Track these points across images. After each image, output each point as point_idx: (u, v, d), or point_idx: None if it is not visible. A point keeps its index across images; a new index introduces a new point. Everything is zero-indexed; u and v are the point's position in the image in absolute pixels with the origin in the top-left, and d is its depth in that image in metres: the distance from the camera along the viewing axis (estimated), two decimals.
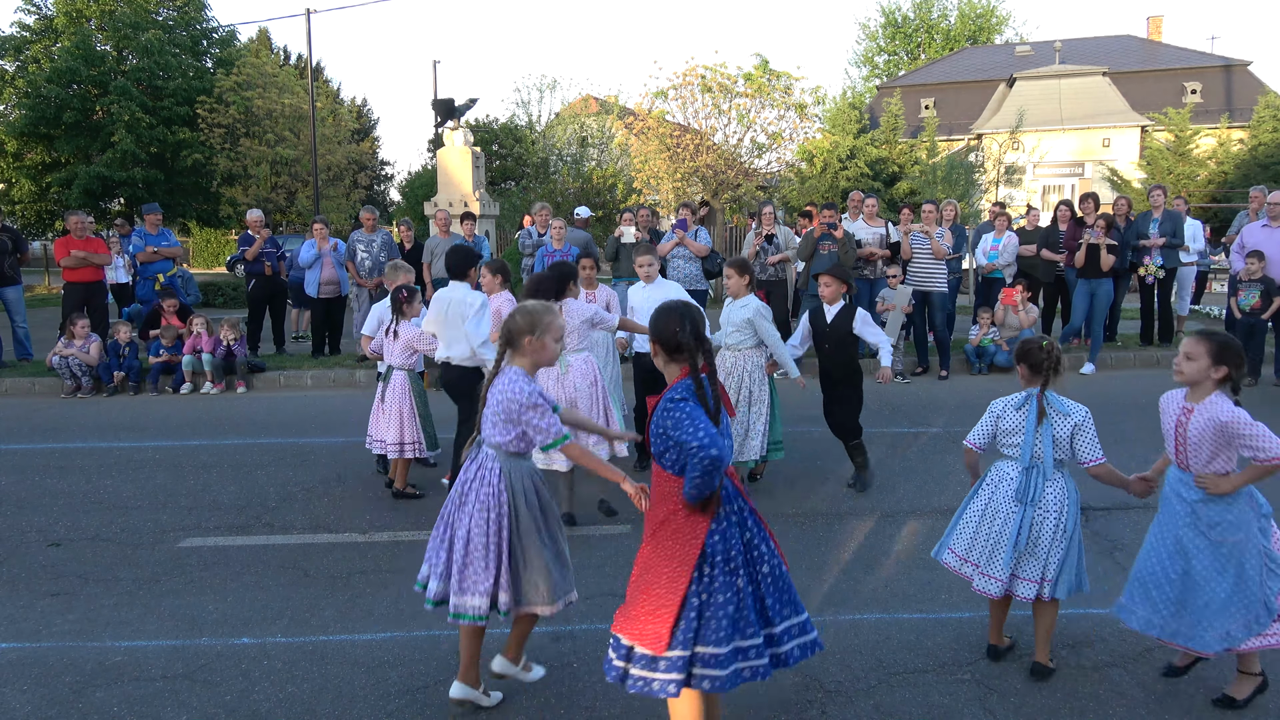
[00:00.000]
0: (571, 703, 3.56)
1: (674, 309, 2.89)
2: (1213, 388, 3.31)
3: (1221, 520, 3.35)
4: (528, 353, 3.35)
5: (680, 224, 11.17)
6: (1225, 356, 3.27)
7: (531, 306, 3.40)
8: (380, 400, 6.19)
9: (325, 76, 39.48)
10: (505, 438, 3.32)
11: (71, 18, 27.49)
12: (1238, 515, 3.34)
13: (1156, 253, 10.56)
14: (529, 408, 3.24)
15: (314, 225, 11.50)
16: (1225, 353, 3.27)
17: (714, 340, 5.89)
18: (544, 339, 3.34)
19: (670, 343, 2.85)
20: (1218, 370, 3.28)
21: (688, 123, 19.94)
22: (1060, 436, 3.71)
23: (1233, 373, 3.30)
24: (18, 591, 4.75)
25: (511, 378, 3.30)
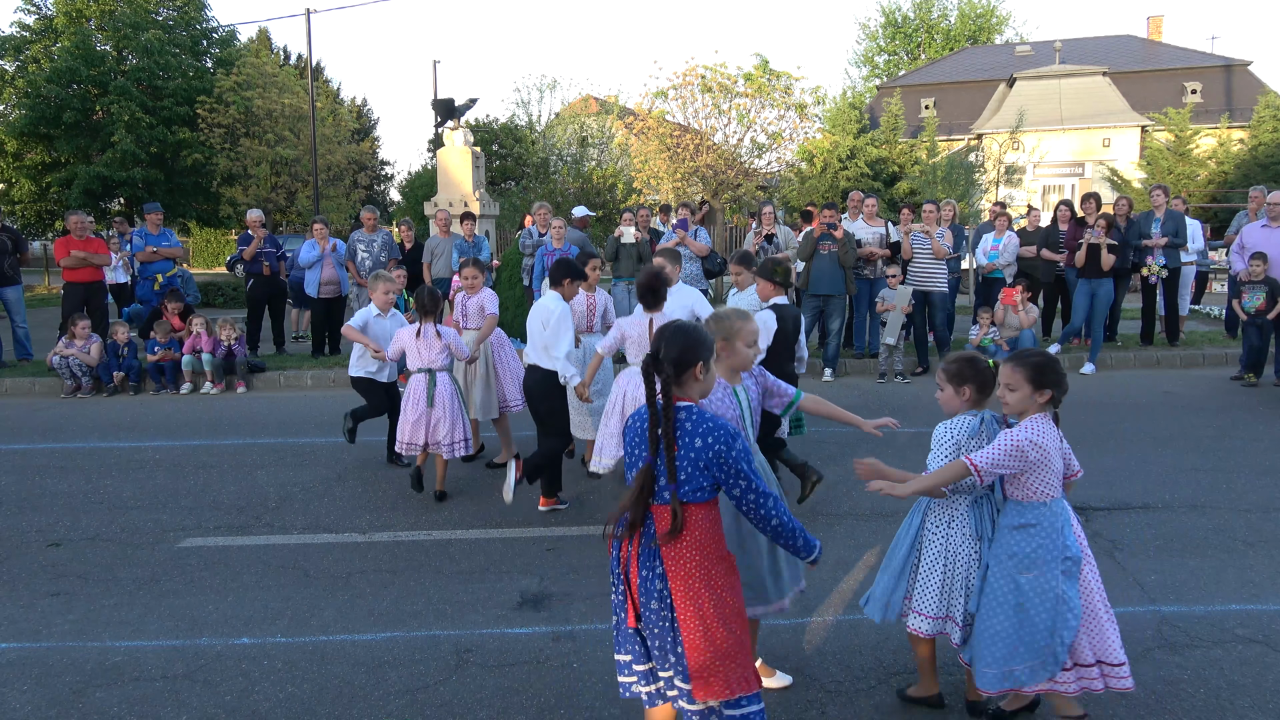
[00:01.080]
0: (572, 703, 3.56)
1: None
2: (1037, 410, 3.15)
3: (1018, 552, 3.14)
4: (722, 359, 3.37)
5: (681, 223, 11.18)
6: (1045, 379, 3.12)
7: (723, 313, 3.48)
8: (429, 405, 6.06)
9: (325, 76, 39.51)
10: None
11: (71, 18, 27.50)
12: (1035, 550, 3.12)
13: (1159, 253, 10.56)
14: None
15: (314, 225, 11.51)
16: (1044, 375, 3.12)
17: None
18: (734, 344, 3.39)
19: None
20: (1041, 395, 3.12)
21: (688, 123, 19.95)
22: None
23: (1055, 393, 3.14)
24: (18, 591, 4.75)
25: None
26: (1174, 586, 4.50)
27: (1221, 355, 10.59)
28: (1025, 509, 3.16)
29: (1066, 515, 3.18)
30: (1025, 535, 3.15)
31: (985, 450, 3.12)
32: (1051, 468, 3.11)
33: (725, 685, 2.62)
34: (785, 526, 2.73)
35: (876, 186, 22.08)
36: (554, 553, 5.14)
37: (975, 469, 3.10)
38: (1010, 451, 3.08)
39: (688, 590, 2.64)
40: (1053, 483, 3.13)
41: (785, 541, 2.77)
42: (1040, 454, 3.08)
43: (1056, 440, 3.14)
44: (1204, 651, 3.85)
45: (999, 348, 10.31)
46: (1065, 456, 3.21)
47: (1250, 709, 3.43)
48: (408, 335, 6.18)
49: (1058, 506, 3.16)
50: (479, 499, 6.17)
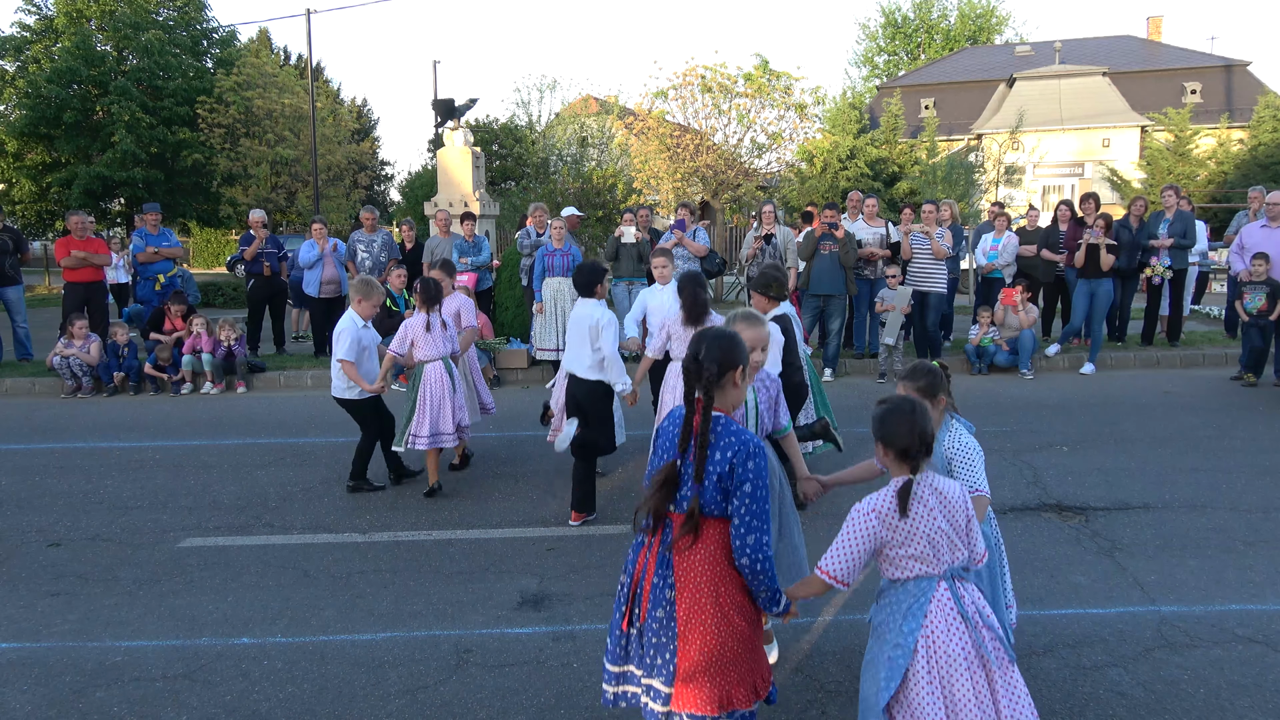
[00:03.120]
0: (572, 703, 3.56)
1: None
2: (896, 470, 2.73)
3: (872, 620, 2.83)
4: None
5: (679, 224, 11.17)
6: (880, 430, 2.73)
7: (731, 316, 3.56)
8: (453, 391, 6.21)
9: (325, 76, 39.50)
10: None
11: (71, 18, 27.50)
12: (881, 624, 2.78)
13: (1164, 253, 10.55)
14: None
15: (313, 225, 11.51)
16: (880, 425, 2.73)
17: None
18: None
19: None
20: (882, 449, 2.74)
21: (688, 123, 19.94)
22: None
23: (892, 446, 2.71)
24: (18, 591, 4.75)
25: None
26: (1174, 586, 4.50)
27: (1221, 355, 10.59)
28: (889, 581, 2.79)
29: (919, 601, 2.66)
30: (880, 603, 2.83)
31: (832, 545, 2.70)
32: (903, 545, 2.65)
33: (702, 701, 2.61)
34: (762, 568, 2.60)
35: (876, 187, 22.06)
36: (554, 553, 5.14)
37: (830, 577, 2.68)
38: (852, 534, 2.66)
39: (694, 602, 2.63)
40: (904, 562, 2.68)
41: (755, 581, 2.64)
42: (885, 527, 2.65)
43: (915, 510, 2.64)
44: (1204, 651, 3.85)
45: (999, 348, 10.32)
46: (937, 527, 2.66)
47: (1250, 709, 3.43)
48: (418, 326, 6.19)
49: (915, 588, 2.68)
50: (479, 499, 6.17)
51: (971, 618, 2.65)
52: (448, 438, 6.18)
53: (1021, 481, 6.24)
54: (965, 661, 2.60)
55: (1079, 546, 5.05)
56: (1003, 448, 7.01)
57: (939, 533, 2.64)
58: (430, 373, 6.18)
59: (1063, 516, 5.55)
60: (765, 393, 3.69)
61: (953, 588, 2.66)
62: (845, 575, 2.65)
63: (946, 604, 2.64)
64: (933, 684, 2.59)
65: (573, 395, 5.77)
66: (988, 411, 8.30)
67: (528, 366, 10.61)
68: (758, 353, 3.56)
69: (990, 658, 2.62)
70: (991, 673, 2.62)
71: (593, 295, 5.73)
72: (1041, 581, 4.56)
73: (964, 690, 2.59)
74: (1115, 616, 4.18)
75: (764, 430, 3.69)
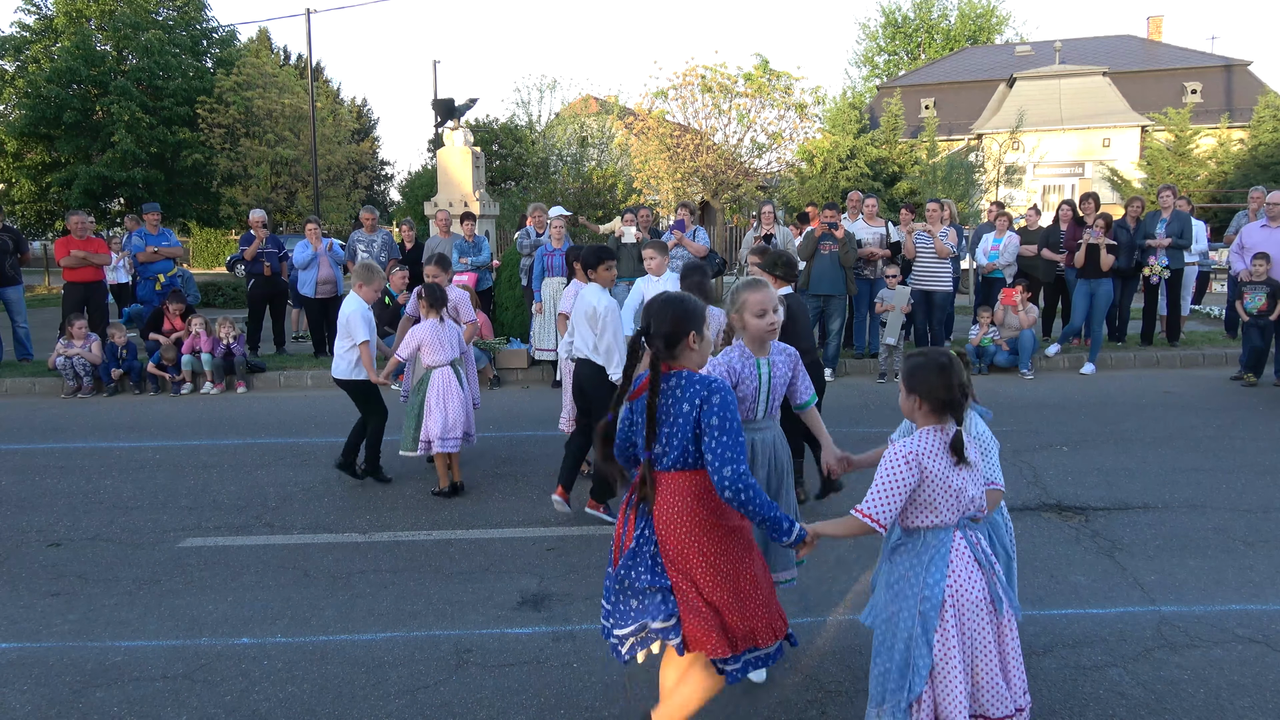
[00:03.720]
0: (572, 703, 3.56)
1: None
2: (924, 421, 2.75)
3: (891, 580, 2.81)
4: (738, 331, 3.57)
5: (679, 224, 11.17)
6: (913, 381, 2.72)
7: (736, 284, 3.59)
8: (459, 396, 6.19)
9: (325, 76, 39.51)
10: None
11: (71, 18, 27.51)
12: (900, 579, 2.78)
13: (1162, 253, 10.55)
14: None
15: (307, 226, 11.51)
16: (914, 377, 2.73)
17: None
18: (743, 315, 3.50)
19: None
20: (914, 400, 2.75)
21: (688, 123, 19.93)
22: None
23: (930, 403, 2.70)
24: (18, 591, 4.75)
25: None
26: (1174, 586, 4.50)
27: (1221, 355, 10.59)
28: (904, 531, 2.81)
29: (940, 550, 2.72)
30: (896, 560, 2.81)
31: (871, 490, 2.71)
32: (939, 492, 2.68)
33: (713, 645, 2.72)
34: (747, 496, 2.64)
35: (876, 186, 22.06)
36: (554, 553, 5.14)
37: (870, 519, 2.68)
38: (891, 478, 2.66)
39: (678, 553, 2.74)
40: (938, 509, 2.69)
41: (746, 512, 2.68)
42: (922, 473, 2.67)
43: (945, 461, 2.68)
44: (1204, 651, 3.85)
45: (999, 348, 10.31)
46: (963, 481, 2.70)
47: (1250, 709, 3.43)
48: (424, 331, 6.18)
49: (934, 538, 2.73)
50: (479, 499, 6.17)
51: (985, 563, 2.75)
52: (453, 442, 6.15)
53: (1021, 481, 6.24)
54: (985, 606, 2.71)
55: (1079, 546, 5.05)
56: (1003, 448, 6.96)
57: (964, 484, 2.70)
58: (438, 378, 6.17)
59: (1063, 516, 5.55)
60: (780, 366, 3.60)
61: (966, 536, 2.75)
62: (884, 518, 2.67)
63: (964, 552, 2.72)
64: (959, 631, 2.66)
65: (578, 377, 5.76)
66: None
67: (527, 366, 10.61)
68: (770, 315, 3.48)
69: (1000, 601, 2.73)
70: (998, 616, 2.73)
71: (594, 275, 5.71)
72: (1041, 581, 4.56)
73: (984, 635, 2.69)
74: (1115, 616, 4.18)
75: (774, 409, 3.62)
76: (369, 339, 6.28)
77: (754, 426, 3.60)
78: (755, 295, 3.48)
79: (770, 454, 3.64)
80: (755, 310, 3.46)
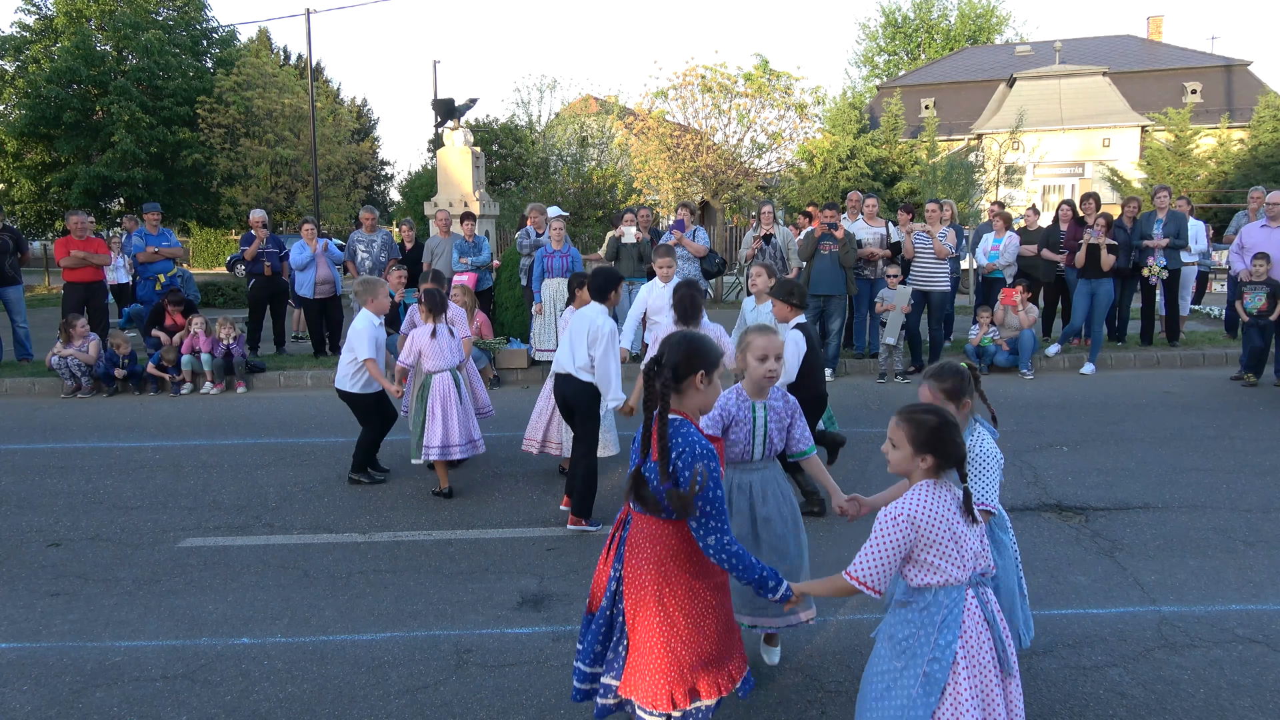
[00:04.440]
0: (572, 703, 3.56)
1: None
2: (922, 477, 2.60)
3: (895, 635, 2.65)
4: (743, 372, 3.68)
5: (678, 224, 11.18)
6: (934, 443, 2.55)
7: (748, 327, 3.69)
8: (459, 403, 6.14)
9: (325, 76, 39.52)
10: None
11: (71, 18, 27.51)
12: (908, 637, 2.61)
13: (1160, 253, 10.55)
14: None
15: (303, 226, 11.50)
16: (935, 438, 2.55)
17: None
18: (745, 355, 3.61)
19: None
20: (924, 460, 2.58)
21: (688, 123, 19.95)
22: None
23: (940, 460, 2.56)
24: (18, 591, 4.75)
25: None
26: (1174, 586, 4.50)
27: (1221, 355, 10.59)
28: (911, 589, 2.64)
29: (954, 611, 2.55)
30: (903, 615, 2.65)
31: (861, 552, 2.58)
32: (937, 551, 2.54)
33: (646, 694, 2.71)
34: (732, 564, 2.64)
35: (876, 186, 22.07)
36: (554, 553, 5.14)
37: (860, 584, 2.56)
38: (881, 540, 2.54)
39: (638, 600, 2.73)
40: (941, 568, 2.54)
41: (734, 575, 2.68)
42: (917, 535, 2.53)
43: (943, 513, 2.53)
44: (1204, 651, 3.85)
45: (999, 348, 10.31)
46: (963, 537, 2.57)
47: (1250, 709, 3.43)
48: (424, 338, 6.16)
49: (945, 596, 2.56)
50: (479, 499, 6.17)
51: (992, 622, 2.62)
52: (457, 449, 6.10)
53: (1021, 481, 6.24)
54: (992, 666, 2.57)
55: (1079, 546, 5.05)
56: (1003, 448, 6.93)
57: (966, 535, 2.57)
58: (438, 384, 6.15)
59: (1063, 516, 5.55)
60: (776, 413, 3.61)
61: (978, 594, 2.62)
62: (876, 582, 2.55)
63: (975, 611, 2.59)
64: (974, 694, 2.52)
65: (562, 394, 5.67)
66: None
67: (527, 366, 10.61)
68: (770, 361, 3.51)
69: (1007, 660, 2.61)
70: (1004, 675, 2.60)
71: (604, 301, 5.62)
72: (1041, 581, 4.56)
73: (993, 694, 2.56)
74: (1115, 616, 4.18)
75: (772, 451, 3.64)
76: (372, 356, 6.22)
77: (752, 468, 3.65)
78: (760, 340, 3.52)
79: (773, 492, 3.65)
80: (758, 354, 3.51)
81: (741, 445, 3.58)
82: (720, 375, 2.83)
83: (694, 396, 2.74)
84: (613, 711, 2.85)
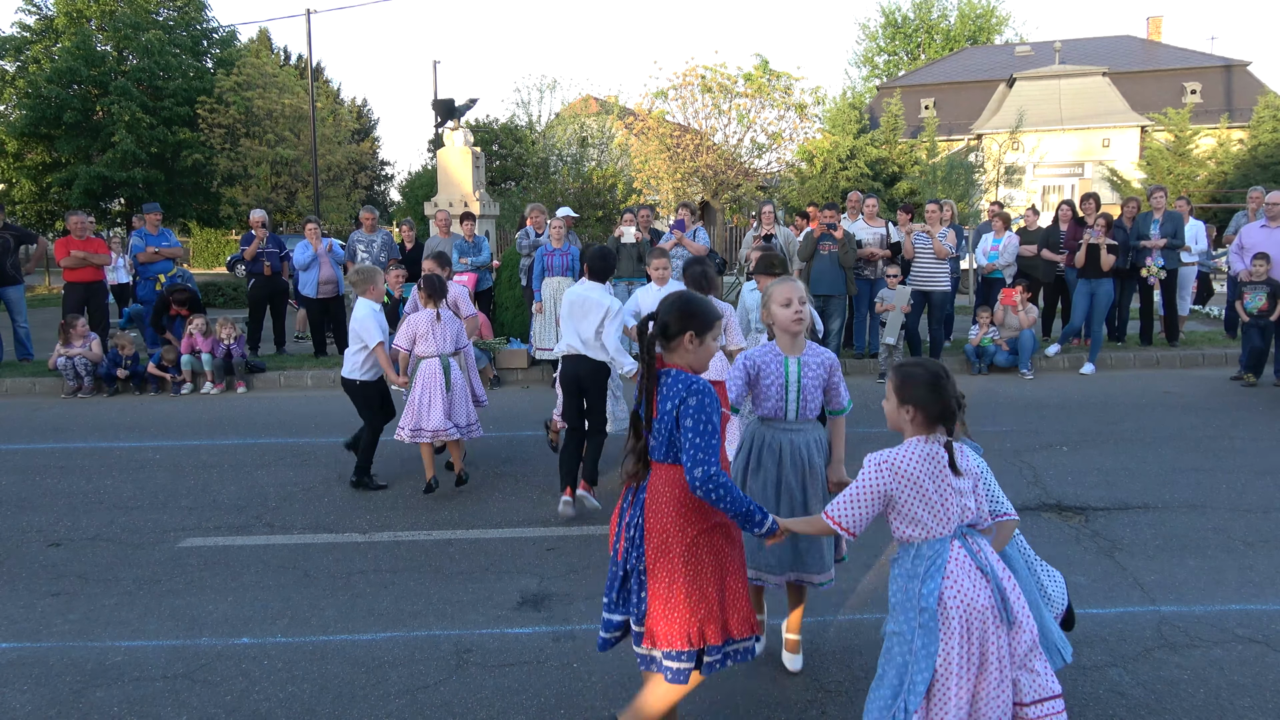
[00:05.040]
0: (572, 703, 3.56)
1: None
2: (912, 432, 2.66)
3: (890, 602, 2.71)
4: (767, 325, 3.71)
5: (679, 224, 11.17)
6: (916, 396, 2.63)
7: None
8: (445, 390, 6.13)
9: (325, 76, 39.52)
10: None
11: (71, 18, 27.52)
12: (895, 594, 2.68)
13: (1158, 254, 10.56)
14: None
15: (306, 226, 11.51)
16: (918, 390, 2.63)
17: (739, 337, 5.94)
18: (770, 306, 3.60)
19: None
20: (908, 411, 2.66)
21: (688, 123, 19.95)
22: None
23: (922, 414, 2.62)
24: (18, 591, 4.75)
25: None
26: (1174, 586, 4.50)
27: (1221, 355, 10.59)
28: (901, 545, 2.71)
29: (936, 561, 2.60)
30: (893, 576, 2.72)
31: (842, 493, 2.69)
32: (919, 502, 2.60)
33: (672, 637, 2.76)
34: (716, 495, 2.68)
35: (876, 186, 22.07)
36: (554, 553, 5.14)
37: (836, 524, 2.67)
38: (862, 484, 2.63)
39: (661, 543, 2.79)
40: (922, 520, 2.61)
41: (717, 506, 2.73)
42: (899, 483, 2.60)
43: (927, 465, 2.60)
44: (1204, 651, 3.85)
45: (999, 348, 10.32)
46: (961, 491, 2.63)
47: (1250, 709, 3.43)
48: (424, 320, 6.16)
49: (928, 549, 2.62)
50: (479, 499, 6.17)
51: (989, 571, 2.62)
52: (427, 434, 6.08)
53: (1021, 481, 6.24)
54: (992, 614, 2.56)
55: (1079, 546, 5.05)
56: (1003, 448, 7.01)
57: (951, 490, 2.64)
58: (425, 368, 6.16)
59: (1063, 516, 5.55)
60: (812, 369, 3.52)
61: (965, 544, 2.64)
62: (851, 523, 2.65)
63: (964, 560, 2.61)
64: (964, 640, 2.52)
65: (574, 374, 5.71)
66: (988, 411, 8.30)
67: (528, 366, 10.61)
68: (794, 305, 3.47)
69: (1010, 609, 2.58)
70: (1007, 626, 2.58)
71: (603, 281, 5.73)
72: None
73: (992, 641, 2.54)
74: (1115, 616, 4.18)
75: (807, 412, 3.53)
76: (382, 339, 6.26)
77: (784, 426, 3.54)
78: (782, 287, 3.53)
79: (803, 457, 3.54)
80: (781, 300, 3.49)
81: (774, 401, 3.50)
82: (714, 340, 2.90)
83: (683, 355, 2.86)
84: (642, 661, 2.90)
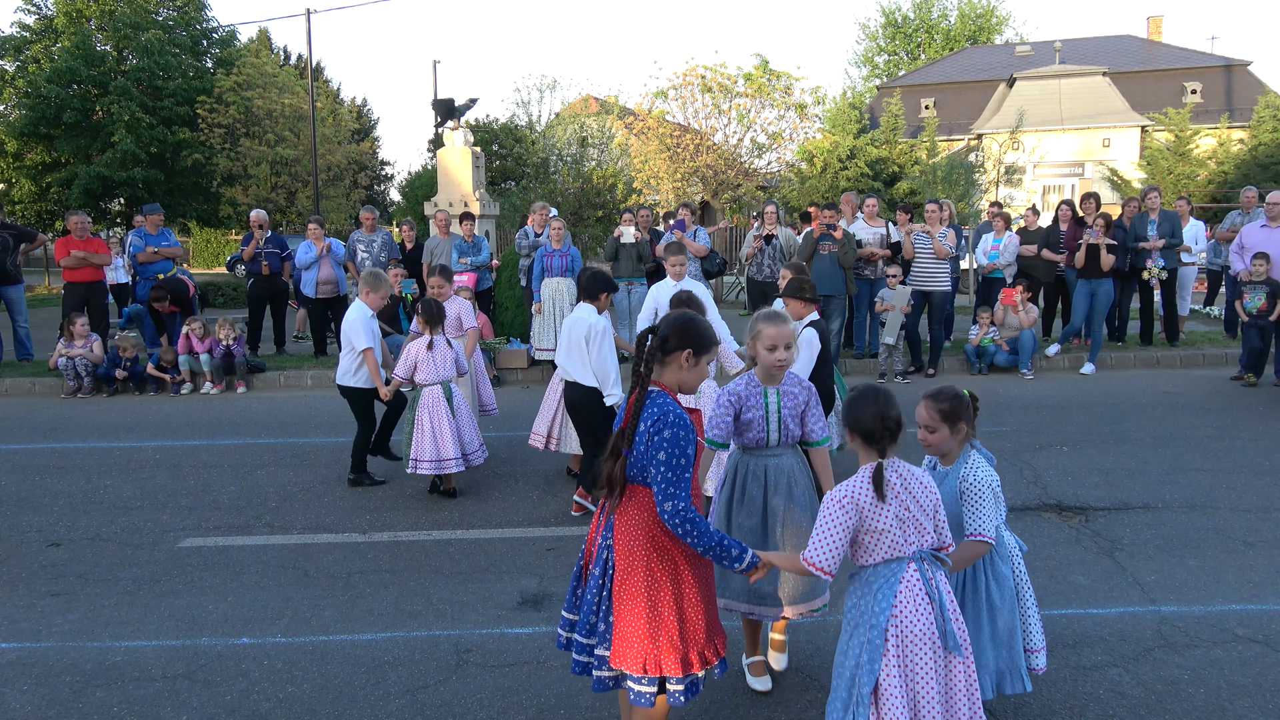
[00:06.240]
0: (572, 703, 3.56)
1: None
2: (863, 458, 2.74)
3: (845, 610, 2.83)
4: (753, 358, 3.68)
5: (679, 224, 11.18)
6: (858, 424, 2.71)
7: (758, 313, 3.66)
8: (449, 417, 6.07)
9: (325, 76, 39.51)
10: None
11: (71, 18, 27.50)
12: (852, 608, 2.78)
13: (1157, 254, 10.56)
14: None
15: (309, 226, 11.50)
16: (859, 418, 2.70)
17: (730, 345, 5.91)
18: (755, 344, 3.61)
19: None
20: (854, 438, 2.75)
21: (688, 123, 19.97)
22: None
23: (865, 431, 2.70)
24: (18, 591, 4.75)
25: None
26: (1174, 586, 4.50)
27: (1221, 355, 10.59)
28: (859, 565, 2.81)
29: (889, 581, 2.68)
30: (851, 589, 2.81)
31: (812, 536, 2.71)
32: (872, 532, 2.68)
33: (630, 661, 2.73)
34: (685, 530, 2.62)
35: (876, 186, 22.08)
36: (554, 553, 5.15)
37: (814, 567, 2.70)
38: (827, 524, 2.68)
39: (627, 566, 2.74)
40: (867, 549, 2.71)
41: (688, 541, 2.67)
42: (860, 512, 2.68)
43: (866, 497, 2.67)
44: (1204, 651, 3.85)
45: (999, 348, 10.32)
46: (891, 521, 2.66)
47: (1250, 709, 3.43)
48: (419, 349, 6.13)
49: (885, 569, 2.70)
50: (479, 499, 6.18)
51: (937, 598, 2.68)
52: (451, 463, 6.04)
53: (1021, 481, 6.24)
54: (929, 640, 2.64)
55: (1079, 546, 5.05)
56: (1003, 448, 7.01)
57: (907, 515, 2.68)
58: (427, 397, 6.10)
59: (1063, 516, 5.55)
60: (792, 398, 3.58)
61: (921, 569, 2.69)
62: (828, 564, 2.68)
63: (915, 584, 2.67)
64: (900, 662, 2.62)
65: (571, 400, 5.69)
66: (988, 411, 8.30)
67: (527, 366, 10.61)
68: (779, 351, 3.49)
69: (952, 635, 2.66)
70: (950, 655, 2.66)
71: (594, 302, 5.67)
72: (1041, 581, 4.56)
73: (925, 668, 2.62)
74: (1115, 616, 4.18)
75: (789, 438, 3.59)
76: (371, 345, 6.25)
77: (767, 454, 3.60)
78: (770, 329, 3.51)
79: (785, 480, 3.59)
80: (767, 344, 3.50)
81: (756, 430, 3.54)
82: (710, 362, 2.88)
83: (676, 372, 2.82)
84: (609, 688, 2.83)
